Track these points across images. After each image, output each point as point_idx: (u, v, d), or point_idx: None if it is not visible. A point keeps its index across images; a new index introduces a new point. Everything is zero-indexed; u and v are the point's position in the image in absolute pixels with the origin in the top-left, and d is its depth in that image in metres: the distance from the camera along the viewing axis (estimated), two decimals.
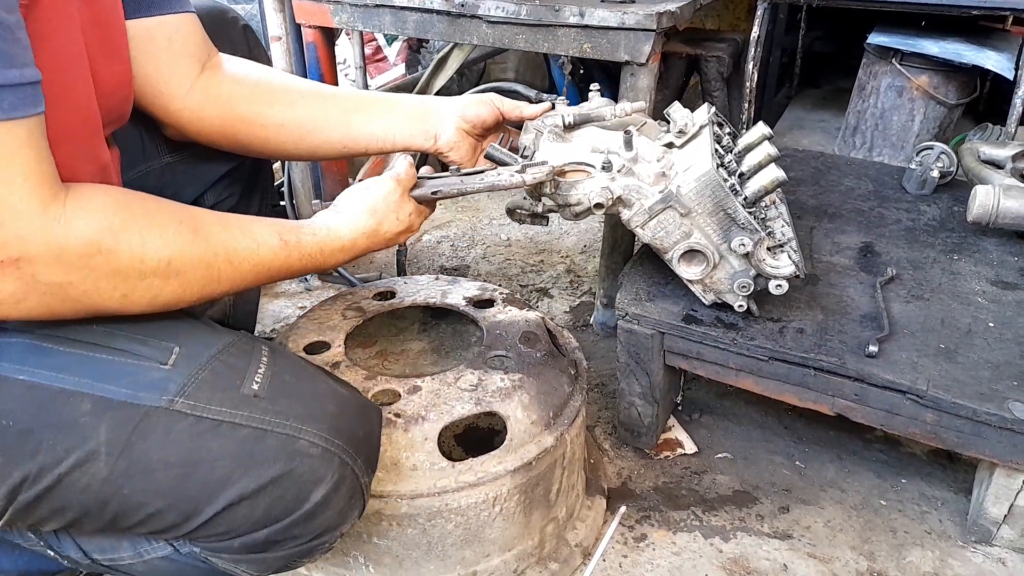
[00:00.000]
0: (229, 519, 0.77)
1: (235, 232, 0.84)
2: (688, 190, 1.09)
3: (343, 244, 0.95)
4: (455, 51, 2.16)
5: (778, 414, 1.53)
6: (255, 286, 0.90)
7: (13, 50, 0.62)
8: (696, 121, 1.18)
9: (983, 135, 1.98)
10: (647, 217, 1.13)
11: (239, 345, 0.83)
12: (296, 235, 0.91)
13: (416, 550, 1.03)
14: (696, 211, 1.11)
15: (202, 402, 0.76)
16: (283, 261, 0.88)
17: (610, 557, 1.22)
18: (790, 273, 1.13)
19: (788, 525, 1.28)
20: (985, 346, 1.18)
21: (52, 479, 0.73)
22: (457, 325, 1.36)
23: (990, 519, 1.20)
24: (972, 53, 2.00)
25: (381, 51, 3.08)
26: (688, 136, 1.17)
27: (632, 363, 1.32)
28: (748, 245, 1.11)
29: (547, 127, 1.18)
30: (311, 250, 0.92)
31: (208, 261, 0.80)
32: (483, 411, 1.04)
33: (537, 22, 1.46)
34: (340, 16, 1.70)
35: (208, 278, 0.80)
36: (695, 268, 1.18)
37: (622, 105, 1.20)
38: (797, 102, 2.96)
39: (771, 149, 1.15)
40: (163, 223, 0.76)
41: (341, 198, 1.00)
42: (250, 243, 0.85)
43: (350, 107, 1.13)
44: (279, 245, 0.88)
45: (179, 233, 0.77)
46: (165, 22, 0.96)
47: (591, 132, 1.19)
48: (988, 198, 1.41)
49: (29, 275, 0.67)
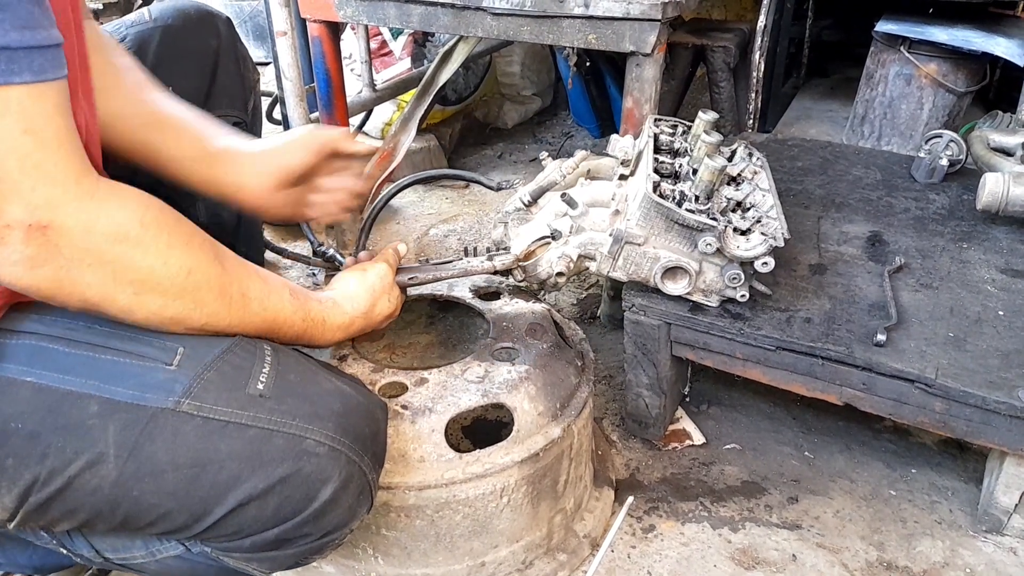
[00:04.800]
0: (239, 519, 0.77)
1: (251, 270, 0.85)
2: (635, 220, 1.11)
3: (343, 322, 0.97)
4: (460, 44, 2.15)
5: (786, 404, 1.52)
6: (253, 334, 0.85)
7: (37, 11, 0.62)
8: (637, 146, 1.19)
9: (993, 123, 1.96)
10: (612, 261, 1.15)
11: (243, 345, 0.83)
12: (305, 297, 0.92)
13: (424, 541, 1.04)
14: (651, 235, 1.13)
15: (208, 403, 0.76)
16: (288, 317, 0.88)
17: (618, 548, 1.22)
18: (764, 251, 1.12)
19: (797, 515, 1.27)
20: (994, 334, 1.17)
21: (62, 482, 0.73)
22: (464, 317, 1.36)
23: (1001, 508, 1.19)
24: (981, 40, 1.98)
25: (387, 45, 3.08)
26: (633, 162, 1.19)
27: (639, 354, 1.32)
28: (713, 243, 1.11)
29: (511, 215, 1.23)
30: (316, 317, 0.93)
31: (223, 287, 0.80)
32: (490, 403, 1.04)
33: (542, 13, 1.46)
34: (345, 10, 1.69)
35: (219, 305, 0.80)
36: (681, 283, 1.18)
37: (568, 162, 1.24)
38: (805, 92, 2.94)
39: (709, 138, 1.16)
40: (189, 236, 0.77)
41: (339, 281, 1.02)
42: (264, 287, 0.85)
43: (154, 123, 1.00)
44: (290, 300, 0.88)
45: (203, 250, 0.78)
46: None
47: (552, 199, 1.23)
48: (998, 186, 1.40)
49: (54, 243, 0.66)
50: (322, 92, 1.85)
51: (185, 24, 1.15)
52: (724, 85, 2.33)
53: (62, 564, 1.04)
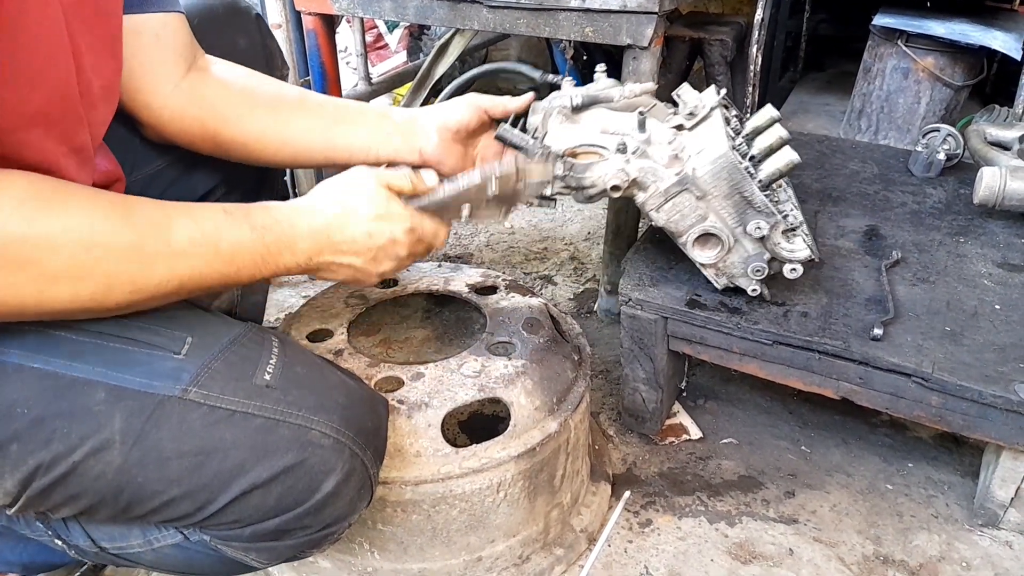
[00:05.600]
0: (241, 508, 0.77)
1: (170, 212, 0.76)
2: (704, 172, 1.08)
3: (314, 222, 0.85)
4: (456, 37, 2.15)
5: (783, 399, 1.52)
6: (213, 280, 0.79)
7: None
8: (706, 103, 1.16)
9: (990, 117, 1.96)
10: (662, 200, 1.12)
11: (250, 336, 0.83)
12: (245, 209, 0.82)
13: (421, 536, 1.03)
14: (712, 194, 1.10)
15: (215, 392, 0.76)
16: (232, 241, 0.78)
17: (615, 542, 1.22)
18: (806, 257, 1.12)
19: (794, 510, 1.28)
20: (991, 328, 1.17)
21: (66, 467, 0.73)
22: (460, 312, 1.36)
23: (997, 502, 1.19)
24: (979, 34, 1.98)
25: (382, 38, 3.07)
26: (699, 118, 1.16)
27: (636, 348, 1.31)
28: (764, 229, 1.10)
29: (555, 108, 1.16)
30: (267, 223, 0.82)
31: (138, 247, 0.72)
32: (486, 397, 1.03)
33: (538, 6, 1.45)
34: (340, 3, 1.68)
35: (139, 267, 0.73)
36: (709, 252, 1.17)
37: (630, 86, 1.18)
38: (802, 86, 2.93)
39: (783, 132, 1.14)
40: (84, 206, 0.69)
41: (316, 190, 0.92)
42: (192, 223, 0.76)
43: (335, 118, 1.10)
44: (226, 220, 0.79)
45: (103, 217, 0.70)
46: (153, 18, 0.94)
47: (600, 113, 1.17)
48: (994, 180, 1.40)
49: None
50: (317, 85, 1.84)
51: (212, 21, 1.14)
52: (721, 79, 2.32)
53: (52, 563, 1.03)
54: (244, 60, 1.16)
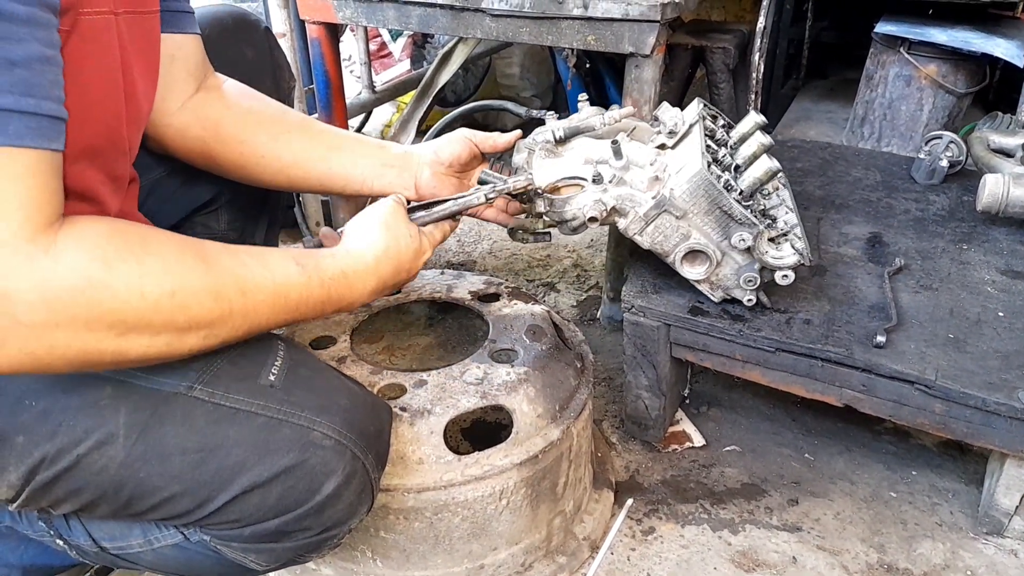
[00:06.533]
0: (241, 507, 0.78)
1: (244, 258, 0.77)
2: (681, 192, 1.09)
3: (367, 265, 0.90)
4: (460, 46, 2.15)
5: (786, 406, 1.52)
6: (274, 326, 0.80)
7: (37, 80, 0.59)
8: (686, 120, 1.18)
9: (993, 124, 1.96)
10: (643, 224, 1.13)
11: (257, 338, 0.83)
12: (313, 259, 0.84)
13: (423, 544, 1.03)
14: (691, 212, 1.11)
15: (220, 390, 0.77)
16: (302, 289, 0.81)
17: (618, 550, 1.21)
18: (794, 263, 1.12)
19: (797, 517, 1.27)
20: (994, 336, 1.17)
21: (70, 460, 0.74)
22: (463, 319, 1.36)
23: (1001, 510, 1.19)
24: (981, 41, 1.98)
25: (386, 47, 3.08)
26: (679, 135, 1.17)
27: (639, 356, 1.31)
28: (748, 240, 1.10)
29: (538, 144, 1.18)
30: (333, 274, 0.85)
31: (217, 292, 0.72)
32: (489, 404, 1.04)
33: (541, 15, 1.46)
34: (344, 12, 1.69)
35: (218, 314, 0.73)
36: (699, 268, 1.18)
37: (611, 113, 1.19)
38: (804, 93, 2.94)
39: (764, 139, 1.14)
40: (164, 251, 0.69)
41: (349, 226, 0.96)
42: (263, 270, 0.77)
43: (334, 145, 1.12)
44: (296, 271, 0.81)
45: (182, 261, 0.70)
46: (170, 40, 0.94)
47: (583, 143, 1.19)
48: (998, 187, 1.39)
49: (10, 314, 0.59)
50: (321, 94, 1.85)
51: (221, 33, 1.15)
52: (723, 86, 2.33)
53: (53, 566, 1.03)
54: (251, 71, 1.17)
